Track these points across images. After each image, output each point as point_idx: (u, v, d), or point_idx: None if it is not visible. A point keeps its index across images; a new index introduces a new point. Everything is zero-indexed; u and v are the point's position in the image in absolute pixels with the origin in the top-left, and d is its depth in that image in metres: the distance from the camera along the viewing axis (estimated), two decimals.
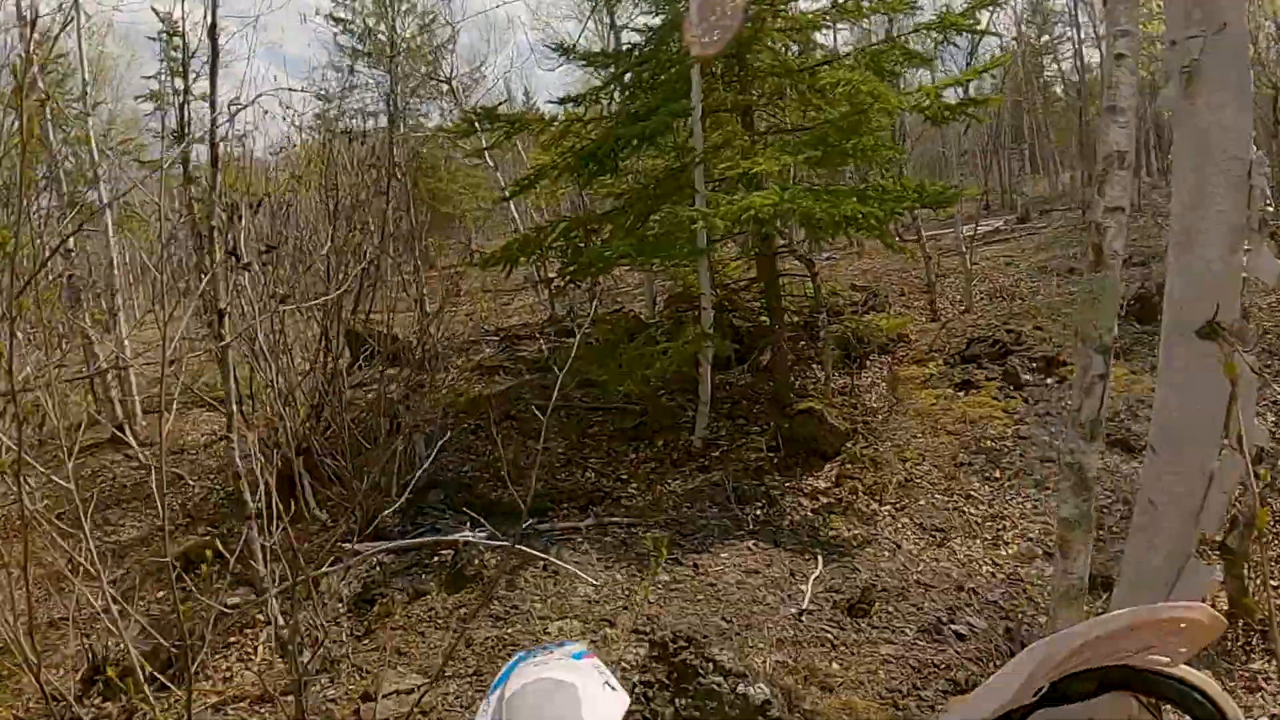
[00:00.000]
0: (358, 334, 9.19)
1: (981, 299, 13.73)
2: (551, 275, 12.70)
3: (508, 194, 11.26)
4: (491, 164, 15.85)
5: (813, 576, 6.38)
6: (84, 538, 3.76)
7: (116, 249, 11.02)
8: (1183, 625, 1.12)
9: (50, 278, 11.23)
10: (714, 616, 5.88)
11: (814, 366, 10.40)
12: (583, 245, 9.10)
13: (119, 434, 10.42)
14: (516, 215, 15.79)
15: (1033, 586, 6.65)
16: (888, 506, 7.81)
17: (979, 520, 7.67)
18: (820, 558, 6.76)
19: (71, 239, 11.04)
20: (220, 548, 7.81)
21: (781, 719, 4.65)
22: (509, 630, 5.87)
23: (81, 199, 12.22)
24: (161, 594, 7.49)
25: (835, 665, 5.45)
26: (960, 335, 11.48)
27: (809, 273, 9.48)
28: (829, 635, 5.73)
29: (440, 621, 6.34)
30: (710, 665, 4.87)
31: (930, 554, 7.07)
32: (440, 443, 6.89)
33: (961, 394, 9.83)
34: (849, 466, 8.31)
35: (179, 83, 11.60)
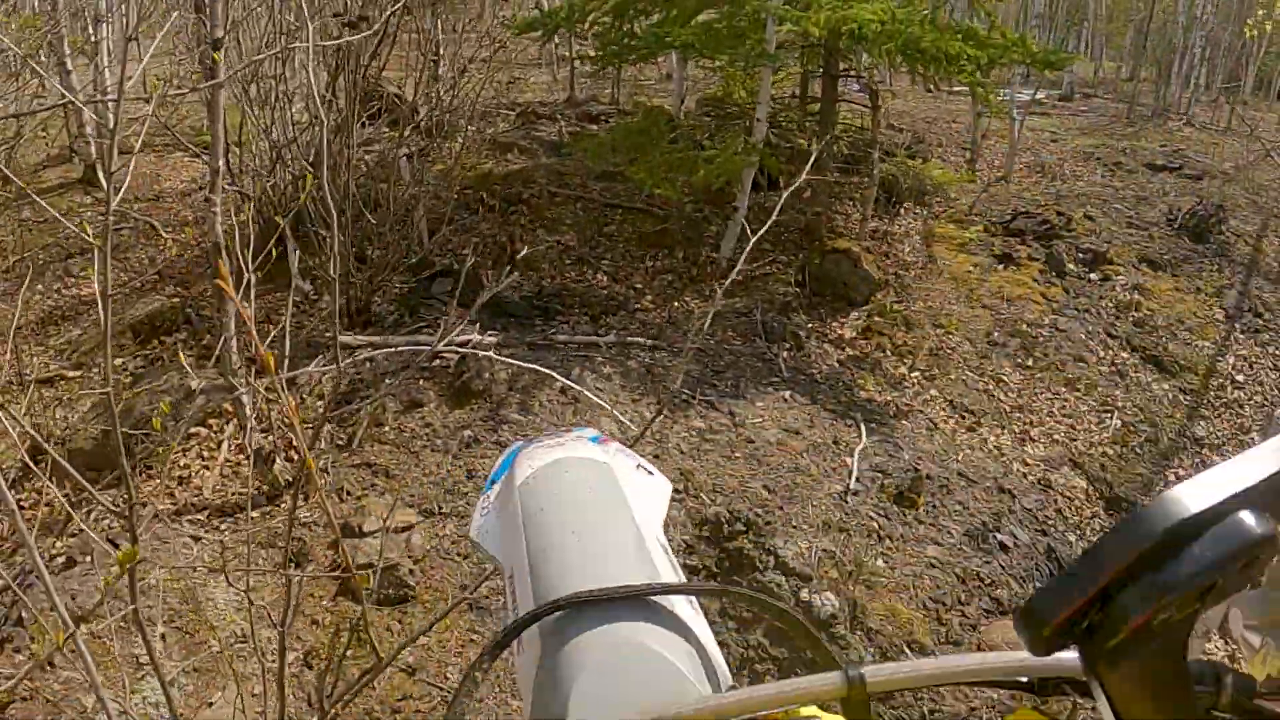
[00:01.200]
0: (364, 91, 8.33)
1: (1022, 169, 12.94)
2: (578, 53, 11.72)
3: None
4: None
5: (858, 449, 5.80)
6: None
7: None
8: None
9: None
10: (754, 481, 5.29)
11: (850, 205, 9.64)
12: (631, 26, 8.16)
13: (90, 174, 9.65)
14: None
15: (1062, 497, 6.28)
16: (917, 373, 7.24)
17: (1008, 409, 7.18)
18: (863, 426, 6.17)
19: None
20: (190, 315, 7.13)
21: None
22: None
23: None
24: (119, 362, 6.81)
25: (881, 562, 5.01)
26: (1003, 203, 10.72)
27: (871, 104, 8.63)
28: (875, 525, 5.26)
29: (438, 442, 5.66)
30: (771, 560, 4.30)
31: (964, 438, 6.56)
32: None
33: (1000, 267, 9.13)
34: (878, 320, 7.70)
35: None
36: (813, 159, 5.53)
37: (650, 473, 1.30)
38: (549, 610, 0.71)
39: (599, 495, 1.17)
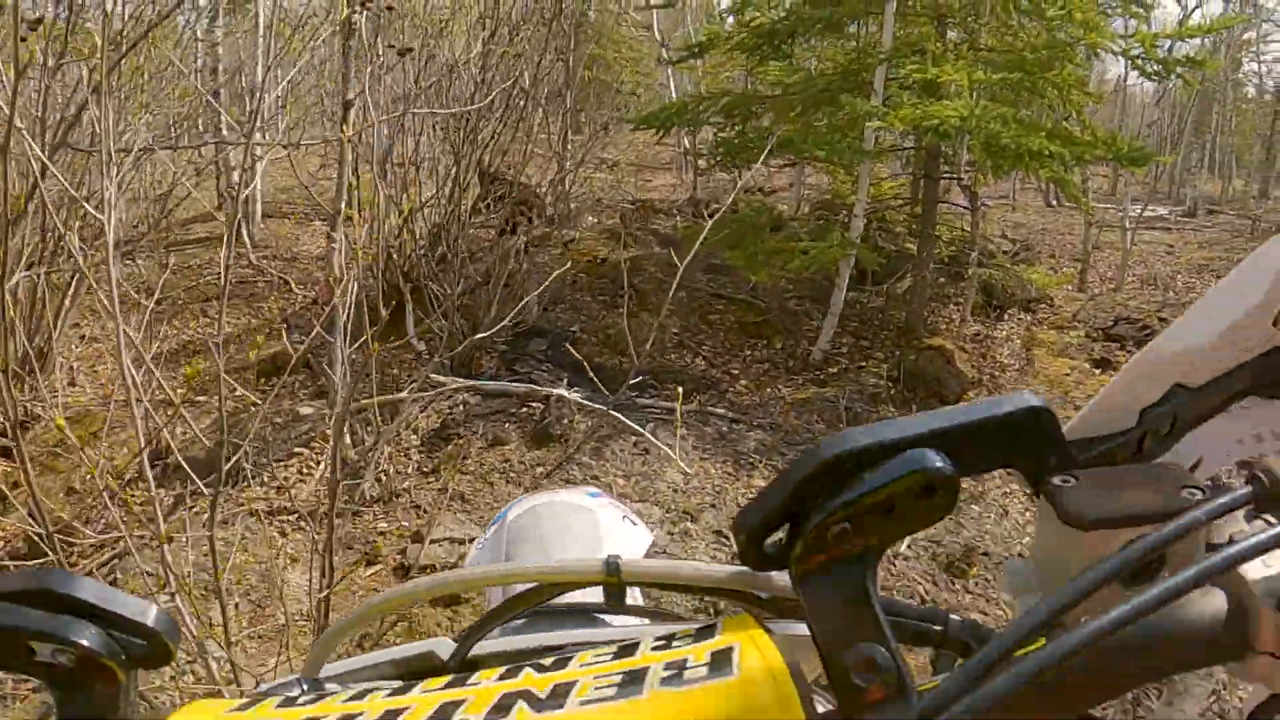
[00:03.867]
0: (489, 173, 8.88)
1: (1134, 282, 12.95)
2: (701, 152, 12.25)
3: (672, 59, 10.72)
4: (658, 36, 15.31)
5: None
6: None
7: (263, 47, 10.77)
8: None
9: (194, 67, 11.11)
10: None
11: (951, 307, 9.84)
12: (742, 125, 8.60)
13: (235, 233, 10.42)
14: (675, 93, 15.26)
15: None
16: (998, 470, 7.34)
17: None
18: None
19: (220, 33, 10.87)
20: (309, 358, 7.71)
21: None
22: None
23: None
24: (241, 393, 7.37)
25: None
26: (1108, 311, 10.78)
27: (970, 206, 8.88)
28: (920, 588, 5.35)
29: (514, 475, 6.07)
30: None
31: (1031, 520, 6.63)
32: (546, 292, 6.58)
33: (1099, 371, 9.19)
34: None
35: None
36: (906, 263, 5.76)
37: (634, 523, 1.45)
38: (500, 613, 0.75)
39: (574, 534, 1.35)
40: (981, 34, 8.18)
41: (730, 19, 9.20)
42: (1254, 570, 0.51)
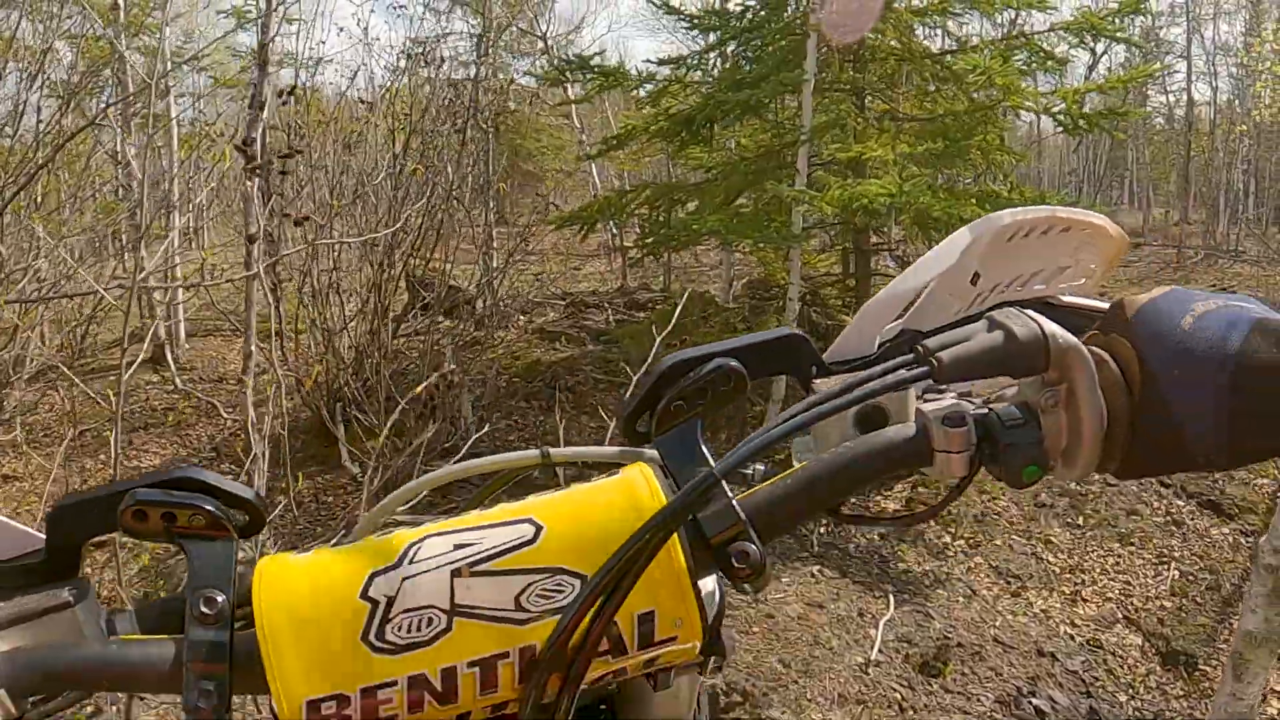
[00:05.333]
0: (414, 280, 8.67)
1: None
2: (628, 244, 12.12)
3: (593, 152, 10.60)
4: (578, 125, 15.24)
5: (884, 620, 5.74)
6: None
7: (178, 165, 10.53)
8: (1086, 231, 1.02)
9: (106, 187, 10.84)
10: (770, 656, 5.27)
11: None
12: (666, 215, 8.47)
13: (159, 354, 10.10)
14: (598, 180, 15.17)
15: (1113, 656, 5.99)
16: (961, 541, 7.16)
17: (1057, 570, 7.01)
18: (892, 597, 6.12)
19: (131, 150, 10.60)
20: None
21: None
22: None
23: (147, 110, 11.79)
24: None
25: None
26: None
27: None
28: (898, 695, 5.11)
29: None
30: None
31: (1006, 604, 6.42)
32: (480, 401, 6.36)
33: None
34: (922, 490, 7.67)
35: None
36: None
37: None
38: None
39: None
40: (900, 103, 8.14)
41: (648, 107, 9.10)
42: (930, 407, 0.73)
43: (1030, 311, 0.74)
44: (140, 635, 0.73)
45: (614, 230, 12.50)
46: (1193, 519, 7.66)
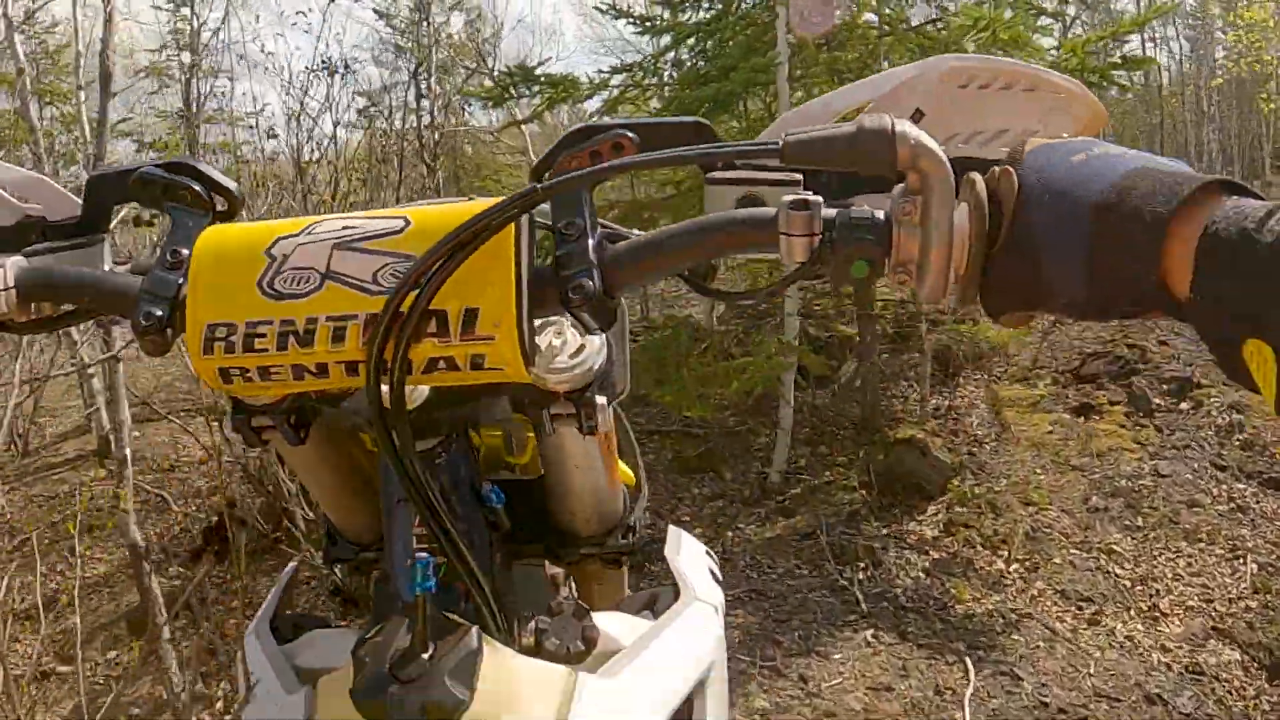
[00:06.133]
0: None
1: None
2: None
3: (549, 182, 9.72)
4: (533, 158, 14.39)
5: (967, 695, 4.79)
6: None
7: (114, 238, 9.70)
8: (1059, 96, 0.94)
9: None
10: None
11: (902, 383, 8.87)
12: None
13: (105, 446, 9.18)
14: None
15: (1217, 682, 5.15)
16: (1016, 565, 6.28)
17: (1128, 584, 6.15)
18: (968, 660, 5.16)
19: None
20: (191, 602, 6.45)
21: None
22: None
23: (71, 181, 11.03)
24: (112, 655, 6.21)
25: None
26: (1067, 349, 9.90)
27: None
28: None
29: None
30: None
31: (1088, 638, 5.53)
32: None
33: (1082, 420, 8.26)
34: (960, 510, 6.82)
35: (186, 56, 10.37)
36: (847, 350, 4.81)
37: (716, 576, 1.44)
38: None
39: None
40: None
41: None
42: (789, 197, 0.76)
43: (893, 117, 0.72)
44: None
45: None
46: (1258, 502, 6.94)
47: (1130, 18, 7.49)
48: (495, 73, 15.77)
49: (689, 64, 7.93)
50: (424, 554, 0.89)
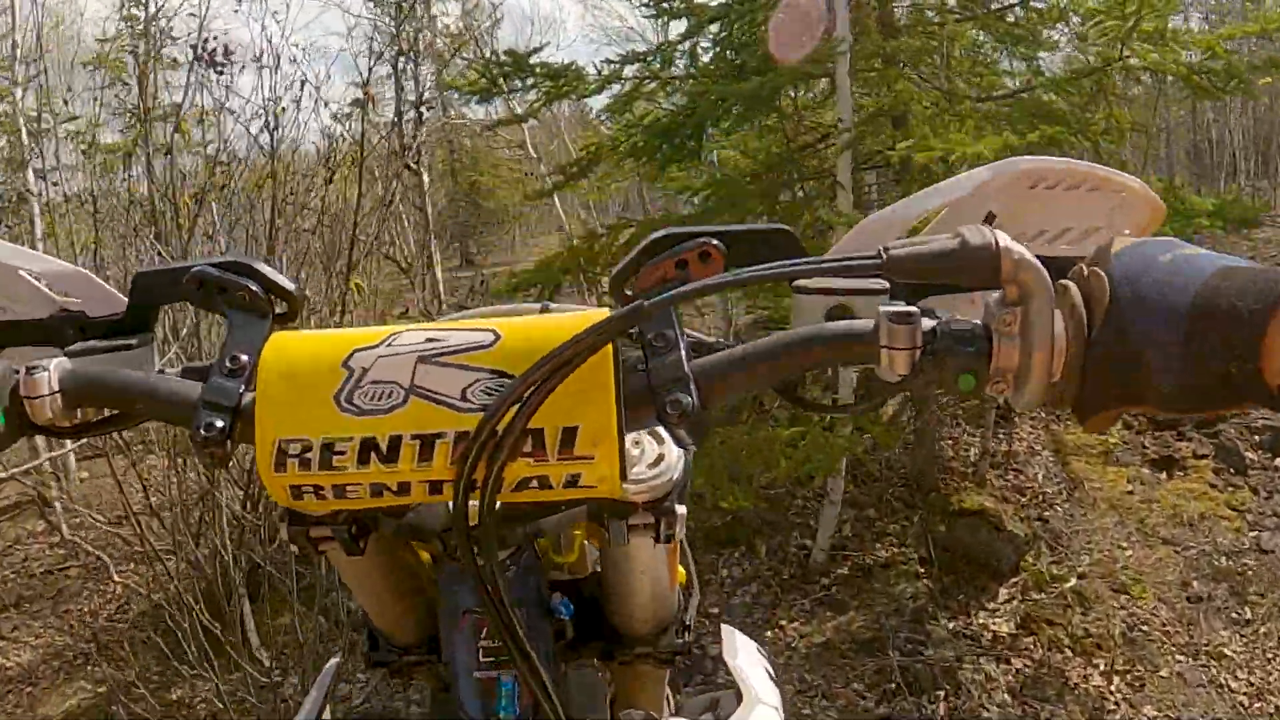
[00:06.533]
0: None
1: None
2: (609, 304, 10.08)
3: (550, 186, 8.49)
4: (535, 154, 13.16)
5: None
6: None
7: (46, 249, 8.58)
8: (1122, 195, 0.96)
9: None
10: None
11: (955, 428, 7.65)
12: None
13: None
14: (563, 214, 13.07)
15: None
16: (1119, 681, 5.07)
17: (1246, 701, 4.96)
18: None
19: None
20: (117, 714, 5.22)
21: None
22: None
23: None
24: None
25: None
26: None
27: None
28: None
29: None
30: None
31: None
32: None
33: (1163, 476, 7.07)
34: (1038, 598, 5.63)
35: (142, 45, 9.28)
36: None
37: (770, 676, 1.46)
38: None
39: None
40: (947, 81, 6.00)
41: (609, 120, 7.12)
42: (887, 309, 0.72)
43: (993, 229, 0.73)
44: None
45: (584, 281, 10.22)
46: None
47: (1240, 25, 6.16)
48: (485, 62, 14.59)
49: (714, 52, 6.70)
50: (502, 675, 0.91)
